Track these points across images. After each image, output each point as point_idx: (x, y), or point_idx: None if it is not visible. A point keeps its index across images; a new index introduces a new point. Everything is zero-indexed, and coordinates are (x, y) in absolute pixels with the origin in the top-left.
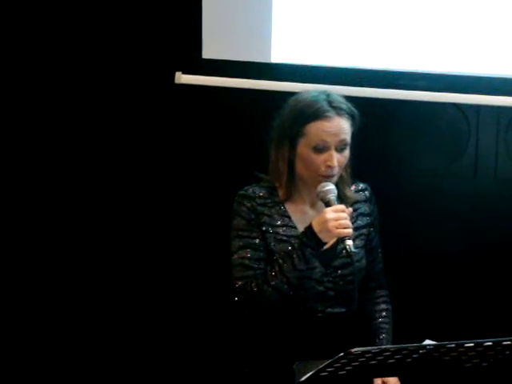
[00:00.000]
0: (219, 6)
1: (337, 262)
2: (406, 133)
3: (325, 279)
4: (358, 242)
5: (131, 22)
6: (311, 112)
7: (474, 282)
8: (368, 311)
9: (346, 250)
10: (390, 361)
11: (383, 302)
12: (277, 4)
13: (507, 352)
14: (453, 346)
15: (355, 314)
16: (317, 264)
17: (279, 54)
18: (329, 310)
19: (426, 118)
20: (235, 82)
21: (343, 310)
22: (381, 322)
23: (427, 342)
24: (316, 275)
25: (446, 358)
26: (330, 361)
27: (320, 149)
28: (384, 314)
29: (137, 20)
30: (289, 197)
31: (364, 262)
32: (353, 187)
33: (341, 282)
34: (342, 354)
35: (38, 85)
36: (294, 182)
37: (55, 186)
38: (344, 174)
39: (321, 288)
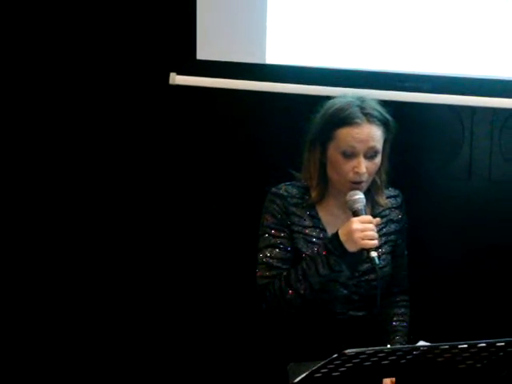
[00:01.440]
0: (214, 7)
1: (363, 267)
2: (401, 135)
3: (350, 283)
4: (385, 248)
5: (126, 23)
6: (342, 117)
7: (468, 284)
8: (386, 314)
9: (371, 261)
10: (384, 362)
11: (403, 306)
12: (271, 5)
13: (501, 353)
14: (447, 347)
15: (375, 317)
16: (343, 268)
17: (274, 55)
18: (350, 312)
19: (420, 120)
20: (230, 82)
21: (364, 313)
22: (397, 325)
23: (421, 343)
24: (342, 279)
25: (440, 359)
26: (323, 362)
27: (348, 155)
28: (402, 318)
29: (131, 21)
30: (321, 199)
31: (389, 268)
32: (386, 193)
33: (366, 287)
34: (335, 355)
35: (32, 86)
36: (327, 185)
37: (47, 186)
38: (378, 180)
39: (345, 291)
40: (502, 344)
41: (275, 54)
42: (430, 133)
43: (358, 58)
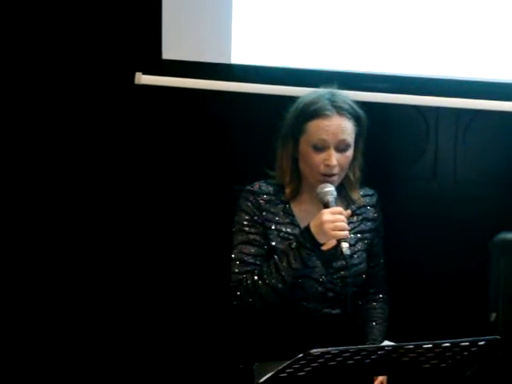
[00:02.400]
0: (179, 7)
1: (337, 264)
2: (367, 134)
3: (325, 280)
4: (359, 245)
5: (91, 23)
6: (312, 110)
7: (432, 284)
8: (363, 310)
9: (341, 253)
10: (349, 362)
11: (381, 303)
12: (237, 5)
13: (465, 353)
14: (411, 346)
15: (351, 316)
16: (318, 264)
17: (239, 55)
18: (325, 310)
19: (385, 120)
20: (195, 82)
21: (339, 311)
22: (375, 318)
23: (386, 342)
24: (316, 275)
25: (405, 358)
26: (289, 362)
27: (319, 147)
28: (380, 310)
29: (96, 20)
30: (295, 195)
31: (364, 265)
32: (361, 191)
33: (340, 284)
34: (301, 354)
35: None
36: (300, 182)
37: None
38: (351, 176)
39: (320, 288)
40: (467, 344)
41: (241, 54)
42: (395, 133)
43: (324, 58)
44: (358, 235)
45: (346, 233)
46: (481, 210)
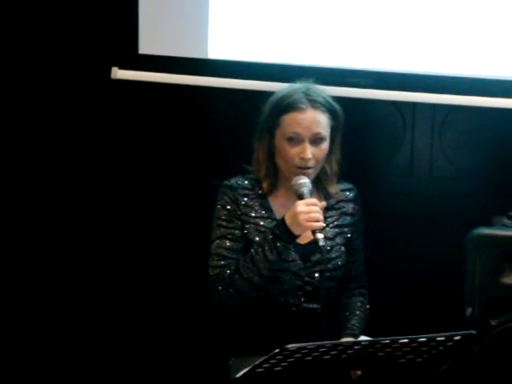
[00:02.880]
0: (156, 1)
1: (315, 257)
2: (343, 130)
3: (303, 273)
4: (338, 239)
5: (67, 17)
6: (287, 103)
7: (409, 279)
8: (343, 305)
9: (316, 243)
10: (326, 357)
11: (361, 296)
12: (213, 0)
13: (441, 348)
14: (388, 341)
15: (331, 310)
16: (296, 257)
17: (216, 50)
18: (305, 305)
19: (361, 116)
20: (172, 77)
21: (319, 306)
22: (353, 311)
23: (362, 337)
24: (294, 269)
25: (381, 353)
26: (265, 357)
27: (294, 140)
28: (359, 305)
29: (73, 15)
30: (272, 190)
31: (343, 259)
32: (340, 186)
33: (319, 278)
34: (277, 350)
35: None
36: (277, 176)
37: None
38: (328, 169)
39: (298, 282)
40: (442, 339)
41: (217, 49)
42: (371, 129)
43: (301, 53)
44: (337, 229)
45: (321, 223)
46: (457, 206)
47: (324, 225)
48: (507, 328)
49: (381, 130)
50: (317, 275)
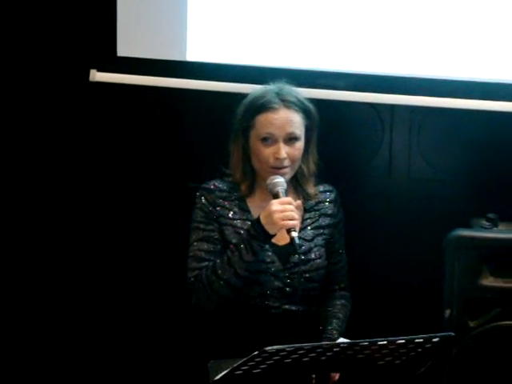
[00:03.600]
0: (134, 4)
1: (294, 258)
2: (321, 132)
3: (282, 275)
4: (317, 240)
5: (46, 19)
6: (259, 104)
7: (387, 281)
8: (324, 306)
9: (292, 242)
10: (305, 359)
11: (343, 299)
12: (192, 2)
13: (419, 349)
14: (366, 343)
15: (312, 312)
16: (275, 259)
17: (194, 53)
18: (285, 306)
19: (340, 118)
20: (150, 80)
21: (300, 308)
22: (335, 313)
23: (341, 340)
24: (273, 270)
25: (360, 355)
26: (244, 359)
27: (268, 141)
28: (340, 307)
29: (51, 17)
30: (250, 192)
31: (322, 261)
32: (320, 187)
33: (298, 279)
34: (256, 352)
35: None
36: (255, 178)
37: None
38: (305, 169)
39: (278, 283)
40: (421, 340)
41: (196, 51)
42: (350, 131)
43: (279, 55)
44: (316, 230)
45: (296, 222)
46: (435, 208)
47: (298, 223)
48: (486, 330)
49: (359, 132)
50: (296, 276)
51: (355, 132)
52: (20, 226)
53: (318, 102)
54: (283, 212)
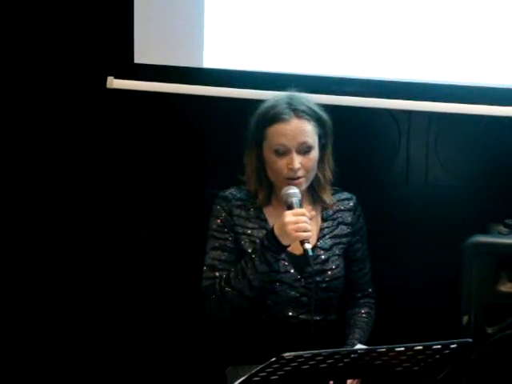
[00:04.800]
0: (151, 11)
1: (310, 268)
2: (338, 139)
3: (297, 284)
4: (335, 249)
5: (63, 27)
6: (271, 115)
7: (405, 288)
8: (347, 314)
9: (305, 254)
10: (322, 365)
11: (366, 307)
12: (209, 9)
13: (437, 356)
14: (384, 350)
15: (332, 322)
16: (290, 268)
17: (211, 59)
18: (302, 316)
19: (357, 124)
20: (167, 86)
21: (318, 318)
22: (358, 321)
23: (359, 346)
24: (288, 280)
25: (378, 362)
26: (262, 366)
27: (281, 152)
28: (364, 315)
29: (69, 24)
30: (267, 201)
31: (341, 270)
32: (337, 195)
33: (315, 289)
34: (274, 358)
35: None
36: (271, 187)
37: None
38: (321, 177)
39: (294, 293)
40: (439, 347)
41: (213, 58)
42: (367, 137)
43: (296, 61)
44: (334, 239)
45: (309, 234)
46: (453, 214)
47: (311, 234)
48: (504, 336)
49: (376, 139)
50: (312, 286)
51: (372, 138)
52: (36, 227)
53: (334, 109)
54: (296, 223)
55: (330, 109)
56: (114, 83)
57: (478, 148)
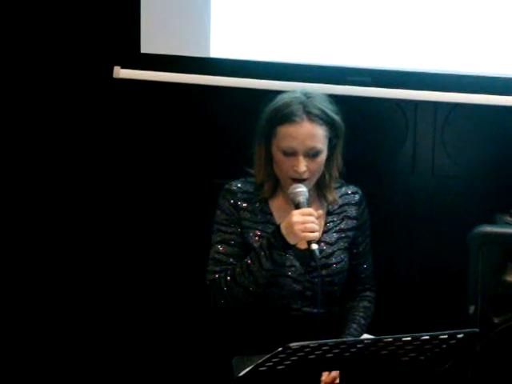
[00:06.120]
0: (157, 1)
1: (318, 268)
2: (345, 129)
3: (302, 278)
4: (340, 243)
5: (69, 17)
6: (283, 114)
7: (411, 278)
8: (346, 307)
9: (311, 254)
10: (329, 355)
11: (365, 301)
12: None
13: (444, 346)
14: (390, 340)
15: (335, 315)
16: (295, 262)
17: (218, 49)
18: (305, 309)
19: (364, 114)
20: (174, 76)
21: (322, 310)
22: (355, 316)
23: (365, 336)
24: (293, 274)
25: (384, 352)
26: (268, 356)
27: (288, 153)
28: (362, 310)
29: (75, 14)
30: (272, 194)
31: (345, 264)
32: (343, 189)
33: (320, 284)
34: (280, 348)
35: None
36: (278, 181)
37: None
38: (327, 176)
39: (298, 287)
40: (445, 337)
41: (219, 48)
42: (373, 127)
43: (303, 51)
44: (339, 234)
45: (316, 234)
46: (459, 204)
47: (318, 235)
48: (510, 326)
49: (383, 129)
50: (317, 280)
51: (379, 128)
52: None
53: (341, 98)
54: (304, 224)
55: (337, 99)
56: (121, 73)
57: (484, 138)
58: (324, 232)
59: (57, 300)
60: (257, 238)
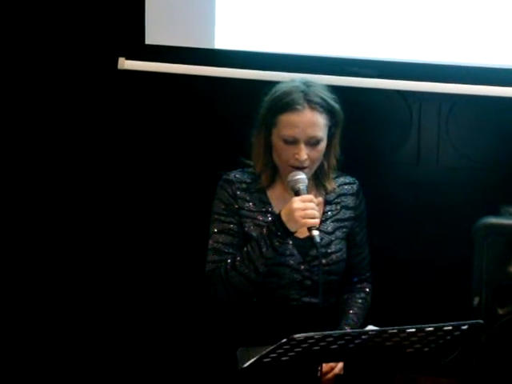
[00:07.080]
0: None
1: (314, 252)
2: (349, 120)
3: (301, 268)
4: (338, 233)
5: (74, 8)
6: (284, 102)
7: (416, 269)
8: (343, 298)
9: (312, 241)
10: (333, 346)
11: (362, 292)
12: None
13: (448, 337)
14: (395, 331)
15: (330, 305)
16: (294, 251)
17: (223, 40)
18: (305, 299)
19: (368, 105)
20: (178, 67)
21: (320, 300)
22: (352, 307)
23: (370, 327)
24: (292, 263)
25: (388, 343)
26: (272, 347)
27: (289, 141)
28: (359, 301)
29: (80, 5)
30: (271, 183)
31: (343, 253)
32: (340, 180)
33: (318, 272)
34: (284, 339)
35: None
36: (276, 169)
37: None
38: (325, 165)
39: (297, 276)
40: (450, 328)
41: (224, 39)
42: (378, 119)
43: (307, 43)
44: (336, 223)
45: (317, 220)
46: (464, 195)
47: (319, 221)
48: None
49: (387, 120)
50: (315, 269)
51: (384, 120)
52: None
53: (346, 90)
54: (304, 210)
55: (341, 90)
56: (126, 64)
57: (489, 129)
58: (322, 221)
59: (55, 288)
60: (256, 228)
